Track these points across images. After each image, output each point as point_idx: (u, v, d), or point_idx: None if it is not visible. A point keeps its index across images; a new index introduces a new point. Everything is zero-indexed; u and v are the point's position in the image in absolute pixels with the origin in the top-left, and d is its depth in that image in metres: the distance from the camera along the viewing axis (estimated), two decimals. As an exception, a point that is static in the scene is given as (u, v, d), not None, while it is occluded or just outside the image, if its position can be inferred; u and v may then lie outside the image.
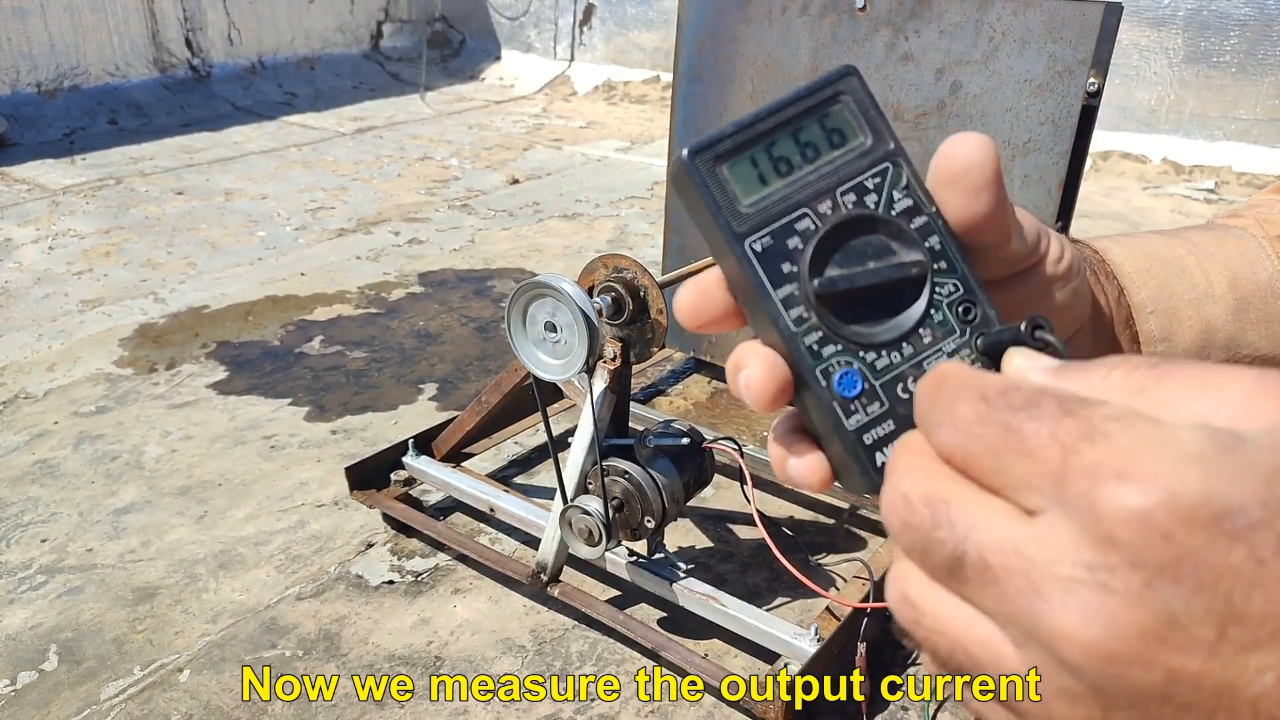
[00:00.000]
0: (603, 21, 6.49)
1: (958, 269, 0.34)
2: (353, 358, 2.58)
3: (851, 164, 0.34)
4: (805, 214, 0.33)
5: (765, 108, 0.34)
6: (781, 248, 0.33)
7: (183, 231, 3.58)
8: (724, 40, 1.91)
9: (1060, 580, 0.23)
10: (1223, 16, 4.37)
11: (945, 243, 0.34)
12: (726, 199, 0.33)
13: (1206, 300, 0.47)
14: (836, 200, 0.34)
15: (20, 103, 4.99)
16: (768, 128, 0.34)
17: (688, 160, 0.33)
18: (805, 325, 0.33)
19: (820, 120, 0.34)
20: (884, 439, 0.33)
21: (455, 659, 1.53)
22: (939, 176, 0.34)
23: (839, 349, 0.33)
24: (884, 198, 0.34)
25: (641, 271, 1.37)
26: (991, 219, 0.34)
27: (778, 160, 0.34)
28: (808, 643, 1.35)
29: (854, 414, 0.33)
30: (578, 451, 1.48)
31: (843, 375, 0.33)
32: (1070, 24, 1.55)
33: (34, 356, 2.56)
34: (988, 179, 0.33)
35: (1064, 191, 1.64)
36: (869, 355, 0.33)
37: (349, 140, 5.07)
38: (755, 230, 0.33)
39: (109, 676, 1.49)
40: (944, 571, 0.26)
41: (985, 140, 0.33)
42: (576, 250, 3.42)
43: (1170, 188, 4.37)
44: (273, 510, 1.91)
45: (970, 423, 0.26)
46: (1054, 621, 0.23)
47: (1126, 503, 0.22)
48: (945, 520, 0.25)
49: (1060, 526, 0.23)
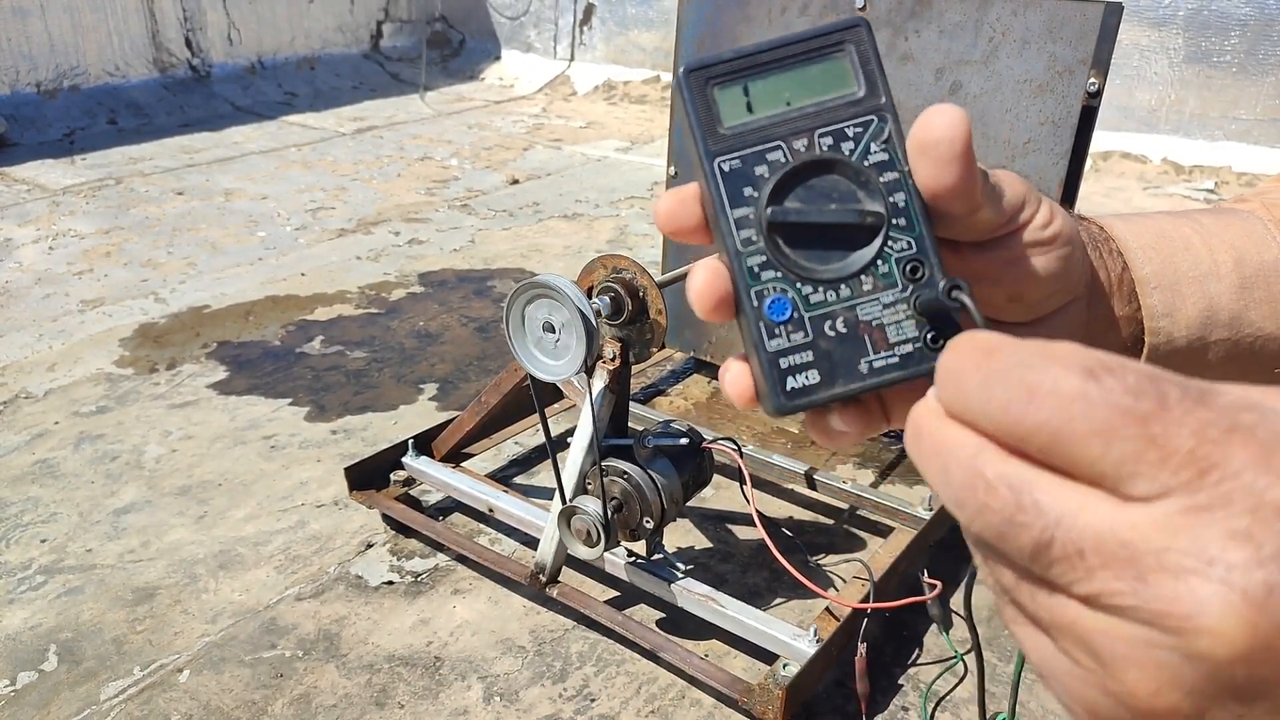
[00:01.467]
0: (603, 21, 6.49)
1: (916, 229, 0.35)
2: (353, 358, 2.58)
3: (837, 110, 0.35)
4: (779, 146, 0.35)
5: (770, 42, 0.35)
6: (748, 173, 0.35)
7: (183, 231, 3.58)
8: (724, 40, 1.91)
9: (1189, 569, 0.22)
10: (1223, 16, 4.37)
11: (910, 202, 0.35)
12: (709, 118, 0.35)
13: (1211, 278, 0.47)
14: (813, 140, 0.35)
15: (20, 103, 4.99)
16: (766, 60, 0.35)
17: (683, 77, 0.35)
18: (751, 247, 0.34)
19: (819, 63, 0.35)
20: (799, 367, 0.35)
21: (455, 659, 1.53)
22: (912, 144, 0.34)
23: (777, 275, 0.34)
24: (860, 147, 0.35)
25: (640, 272, 1.37)
26: (958, 190, 0.34)
27: (767, 92, 0.35)
28: (806, 643, 1.35)
29: (776, 337, 0.35)
30: (577, 452, 1.48)
31: (775, 300, 0.34)
32: (1070, 24, 1.55)
33: (34, 356, 2.56)
34: (956, 153, 0.33)
35: (1064, 191, 1.63)
36: (805, 288, 0.34)
37: (349, 140, 5.07)
38: (727, 151, 0.35)
39: (109, 677, 1.49)
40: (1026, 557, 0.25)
41: (959, 114, 0.33)
42: (576, 250, 3.42)
43: (1170, 188, 4.37)
44: (273, 510, 1.91)
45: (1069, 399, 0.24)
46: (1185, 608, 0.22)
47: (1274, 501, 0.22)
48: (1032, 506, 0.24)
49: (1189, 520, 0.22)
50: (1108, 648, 0.24)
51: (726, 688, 1.35)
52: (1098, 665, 0.25)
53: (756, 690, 1.32)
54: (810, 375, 0.34)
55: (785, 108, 0.35)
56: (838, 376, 0.34)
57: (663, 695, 1.46)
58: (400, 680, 1.49)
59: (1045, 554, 0.24)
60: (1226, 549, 0.22)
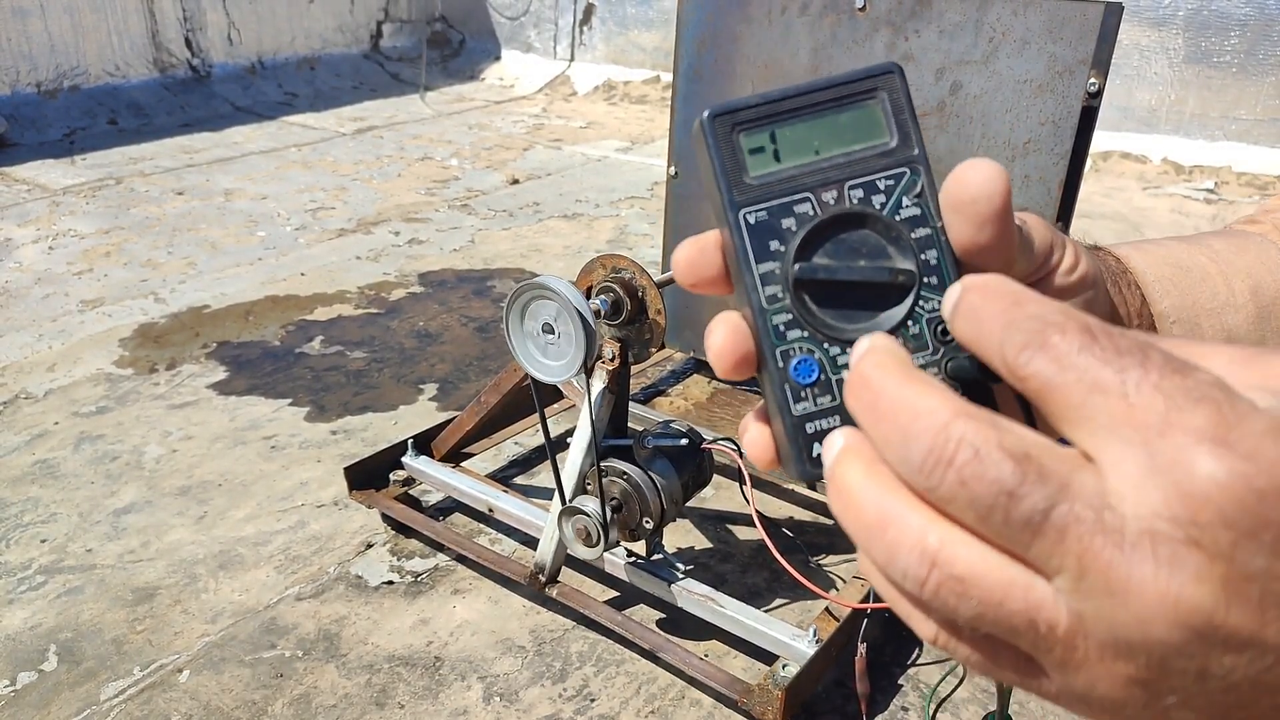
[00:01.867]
0: (603, 21, 6.49)
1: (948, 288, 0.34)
2: (353, 358, 2.58)
3: (869, 161, 0.34)
4: (807, 199, 0.33)
5: (799, 86, 0.34)
6: (775, 225, 0.33)
7: (183, 231, 3.58)
8: (724, 40, 1.91)
9: (1150, 535, 0.23)
10: (1223, 16, 4.37)
11: (942, 259, 0.33)
12: (734, 166, 0.33)
13: (1228, 309, 0.46)
14: (843, 193, 0.33)
15: (20, 103, 4.99)
16: (794, 106, 0.34)
17: (706, 122, 0.34)
18: (777, 305, 0.33)
19: (850, 111, 0.34)
20: (825, 432, 0.33)
21: (455, 659, 1.53)
22: (948, 200, 0.33)
23: (804, 335, 0.33)
24: (892, 201, 0.34)
25: (640, 272, 1.37)
26: (994, 249, 0.33)
27: (795, 141, 0.34)
28: (806, 644, 1.35)
29: (802, 401, 0.33)
30: (576, 452, 1.48)
31: (801, 361, 0.33)
32: (1070, 24, 1.55)
33: (34, 356, 2.56)
34: (995, 211, 0.32)
35: (1064, 192, 1.63)
36: (833, 349, 0.33)
37: (349, 140, 5.07)
38: (753, 203, 0.33)
39: (109, 677, 1.49)
40: (1017, 527, 0.25)
41: (998, 171, 0.32)
42: (576, 250, 3.42)
43: (1170, 188, 4.37)
44: (273, 510, 1.91)
45: (1068, 353, 0.25)
46: (1138, 574, 0.23)
47: (1225, 469, 0.23)
48: (1034, 474, 0.24)
49: (1145, 481, 0.23)
50: (1049, 623, 0.25)
51: (726, 688, 1.35)
52: (1064, 657, 0.25)
53: (756, 691, 1.32)
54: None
55: (814, 157, 0.34)
56: None
57: (662, 695, 1.46)
58: (400, 680, 1.49)
59: (1041, 527, 0.24)
60: (1172, 514, 0.23)
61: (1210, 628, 0.23)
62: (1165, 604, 0.23)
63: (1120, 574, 0.23)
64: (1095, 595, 0.24)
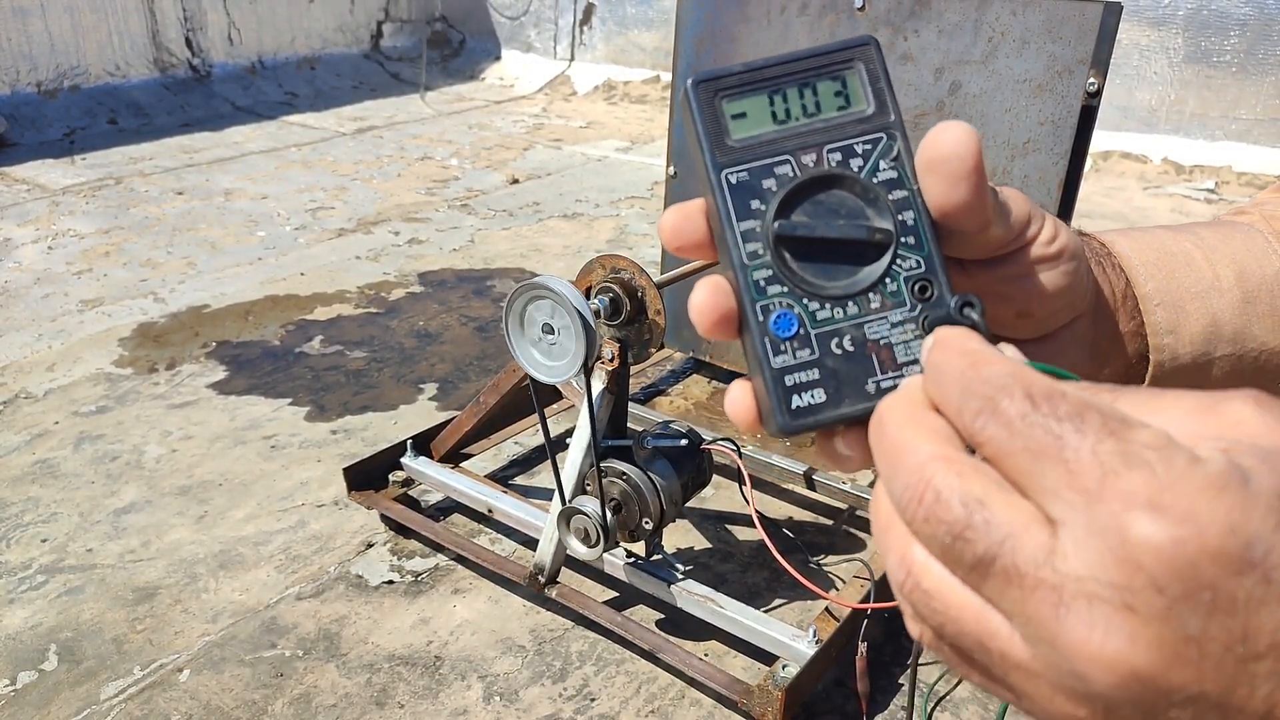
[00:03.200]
0: (603, 21, 6.49)
1: (925, 247, 0.34)
2: (353, 358, 2.58)
3: (847, 126, 0.35)
4: (787, 160, 0.34)
5: (779, 57, 0.35)
6: (755, 185, 0.34)
7: (183, 231, 3.58)
8: (722, 40, 1.91)
9: (1085, 596, 0.24)
10: (1223, 16, 4.37)
11: (919, 220, 0.34)
12: (717, 130, 0.34)
13: (1213, 293, 0.47)
14: (822, 155, 0.35)
15: (20, 103, 4.99)
16: (775, 75, 0.35)
17: (691, 88, 0.35)
18: (757, 261, 0.34)
19: (828, 80, 0.35)
20: (805, 385, 0.34)
21: (455, 659, 1.53)
22: (922, 161, 0.34)
23: (784, 290, 0.34)
24: (869, 164, 0.35)
25: (639, 272, 1.37)
26: (968, 208, 0.34)
27: (776, 107, 0.35)
28: (806, 644, 1.35)
29: (781, 354, 0.34)
30: (576, 453, 1.48)
31: (780, 315, 0.34)
32: (1069, 24, 1.55)
33: (34, 356, 2.57)
34: (967, 170, 0.33)
35: (1063, 191, 1.63)
36: (812, 304, 0.34)
37: (349, 140, 5.07)
38: (735, 164, 0.34)
39: (109, 676, 1.49)
40: (966, 567, 0.26)
41: (969, 131, 0.33)
42: (576, 250, 3.42)
43: (1170, 188, 4.37)
44: (273, 510, 1.91)
45: (1014, 419, 0.26)
46: (1075, 635, 0.24)
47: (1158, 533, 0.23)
48: (981, 522, 0.26)
49: (1085, 543, 0.24)
50: (1016, 658, 0.26)
51: (725, 689, 1.35)
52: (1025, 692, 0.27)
53: (756, 692, 1.33)
54: (816, 394, 0.34)
55: (794, 122, 0.35)
56: (844, 396, 0.34)
57: (663, 695, 1.47)
58: (400, 680, 1.49)
59: (988, 569, 0.26)
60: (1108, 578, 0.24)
61: (1150, 687, 0.24)
62: (1102, 664, 0.24)
63: (1059, 630, 0.24)
64: (1041, 643, 0.25)
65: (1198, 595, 0.23)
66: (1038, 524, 0.26)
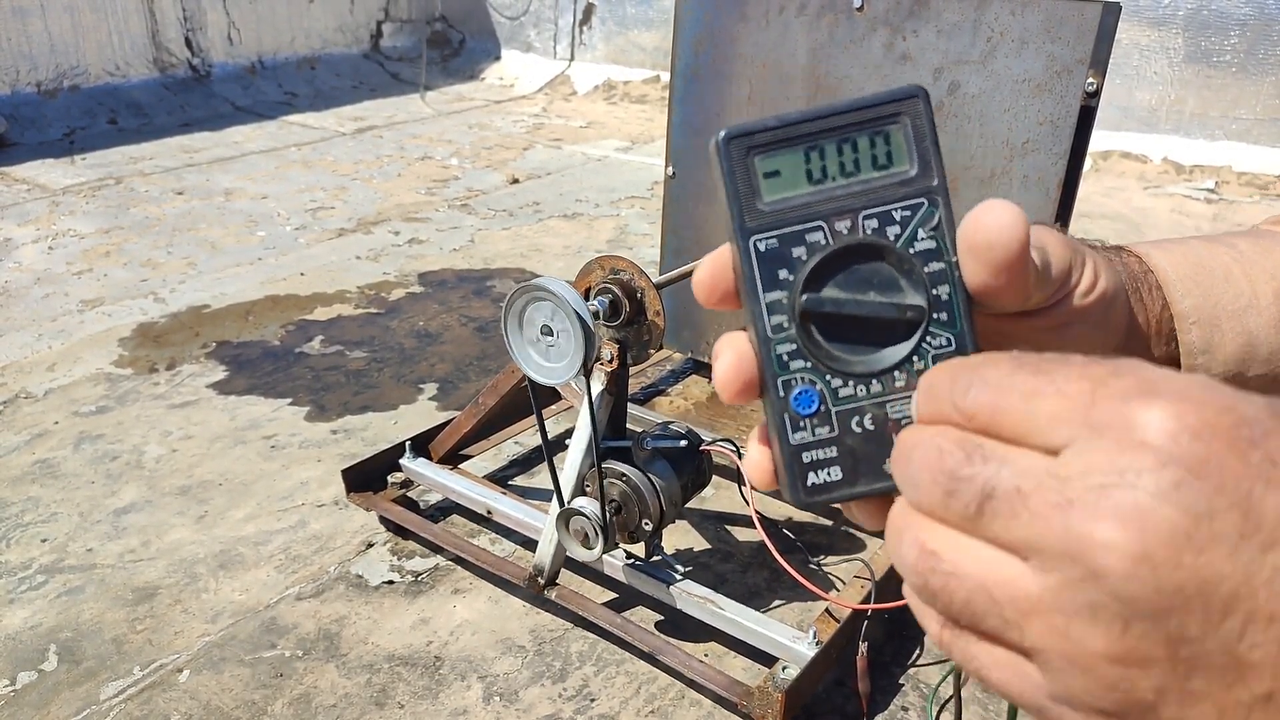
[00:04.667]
0: (603, 21, 6.49)
1: (958, 325, 0.33)
2: (353, 358, 2.58)
3: (886, 189, 0.33)
4: (819, 227, 0.33)
5: (819, 109, 0.33)
6: (785, 253, 0.33)
7: (183, 231, 3.58)
8: (721, 40, 1.91)
9: (1094, 488, 0.24)
10: (1223, 16, 4.36)
11: (954, 295, 0.33)
12: (748, 191, 0.33)
13: (1251, 311, 0.45)
14: (857, 222, 0.33)
15: (20, 103, 4.99)
16: (813, 130, 0.33)
17: (721, 144, 0.33)
18: (782, 334, 0.33)
19: (870, 136, 0.33)
20: (822, 463, 0.33)
21: (455, 659, 1.53)
22: (964, 242, 0.33)
23: (807, 365, 0.33)
24: (908, 233, 0.33)
25: (638, 273, 1.37)
26: (1008, 291, 0.33)
27: (812, 165, 0.33)
28: (806, 646, 1.35)
29: (800, 430, 0.33)
30: (575, 454, 1.48)
31: (802, 391, 0.33)
32: (1069, 24, 1.55)
33: (34, 356, 2.57)
34: (1010, 259, 0.32)
35: (1063, 191, 1.63)
36: (835, 380, 0.33)
37: (349, 140, 5.07)
38: (764, 230, 0.33)
39: (109, 676, 1.49)
40: (972, 510, 0.26)
41: (1016, 216, 0.32)
42: (576, 250, 3.42)
43: (1170, 187, 4.37)
44: (273, 510, 1.92)
45: (1003, 375, 0.27)
46: (1087, 527, 0.24)
47: (1158, 410, 0.24)
48: (979, 457, 0.27)
49: (1091, 446, 0.25)
50: (1030, 598, 0.25)
51: (725, 691, 1.35)
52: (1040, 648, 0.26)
53: (756, 693, 1.33)
54: (833, 472, 0.33)
55: (830, 183, 0.33)
56: (860, 475, 0.33)
57: (663, 695, 1.47)
58: (400, 680, 1.49)
59: (989, 504, 0.26)
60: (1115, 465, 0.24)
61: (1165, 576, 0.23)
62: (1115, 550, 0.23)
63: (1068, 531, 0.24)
64: (1051, 561, 0.25)
65: (1204, 468, 0.23)
66: (1036, 452, 0.26)
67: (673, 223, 2.16)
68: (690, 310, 2.17)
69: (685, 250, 2.12)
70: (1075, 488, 0.24)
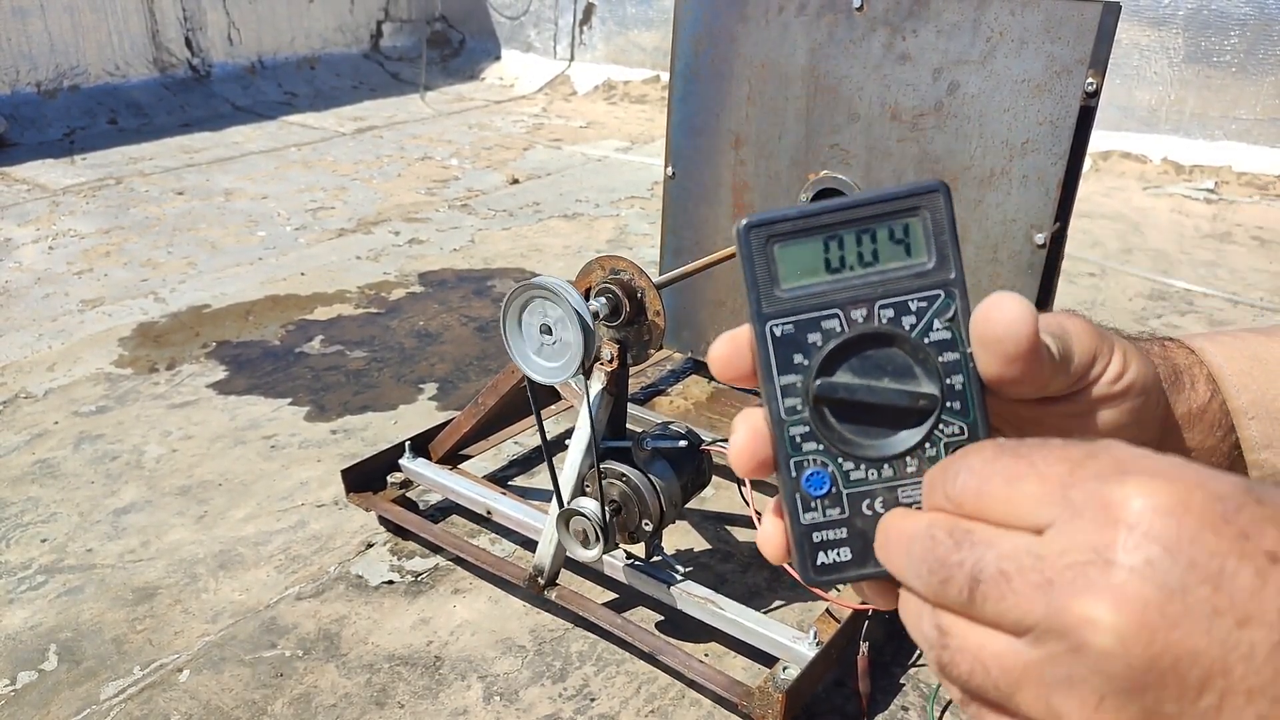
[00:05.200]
0: (603, 21, 6.49)
1: (970, 414, 0.34)
2: (353, 357, 2.58)
3: (903, 280, 0.34)
4: (835, 315, 0.34)
5: (840, 201, 0.34)
6: (800, 339, 0.34)
7: (183, 231, 3.58)
8: (720, 40, 1.91)
9: (1072, 566, 0.25)
10: (1223, 16, 4.36)
11: (968, 386, 0.34)
12: (767, 278, 0.34)
13: None
14: (873, 311, 0.34)
15: (20, 103, 4.99)
16: (834, 221, 0.34)
17: (743, 232, 0.34)
18: (795, 417, 0.33)
19: (890, 228, 0.34)
20: (831, 544, 0.34)
21: (455, 659, 1.53)
22: (975, 336, 0.33)
23: (819, 448, 0.34)
24: (923, 323, 0.34)
25: (639, 273, 1.37)
26: (1023, 381, 0.34)
27: (831, 254, 0.34)
28: (807, 646, 1.35)
29: (811, 511, 0.34)
30: (575, 454, 1.48)
31: (814, 474, 0.34)
32: (1068, 24, 1.55)
33: (34, 356, 2.57)
34: (1021, 351, 0.33)
35: (1062, 192, 1.63)
36: (847, 464, 0.34)
37: (349, 140, 5.07)
38: (781, 315, 0.34)
39: (109, 676, 1.49)
40: (965, 594, 0.28)
41: (1024, 308, 0.32)
42: (576, 250, 3.42)
43: (1170, 188, 4.37)
44: (273, 510, 1.92)
45: (986, 460, 0.29)
46: (1066, 604, 0.25)
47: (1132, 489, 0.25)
48: (967, 543, 0.28)
49: (1071, 526, 0.26)
50: (1019, 669, 0.27)
51: (726, 691, 1.35)
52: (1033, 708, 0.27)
53: (756, 694, 1.33)
54: (842, 553, 0.34)
55: (848, 272, 0.34)
56: (869, 557, 0.34)
57: (663, 695, 1.47)
58: (400, 680, 1.49)
59: (978, 588, 0.27)
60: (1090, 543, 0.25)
61: (1142, 648, 0.24)
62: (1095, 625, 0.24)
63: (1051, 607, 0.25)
64: (1037, 635, 0.26)
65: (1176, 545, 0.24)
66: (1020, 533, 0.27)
67: (672, 223, 2.16)
68: (690, 310, 2.17)
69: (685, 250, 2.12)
70: (1054, 566, 0.25)
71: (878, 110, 1.74)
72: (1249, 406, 0.44)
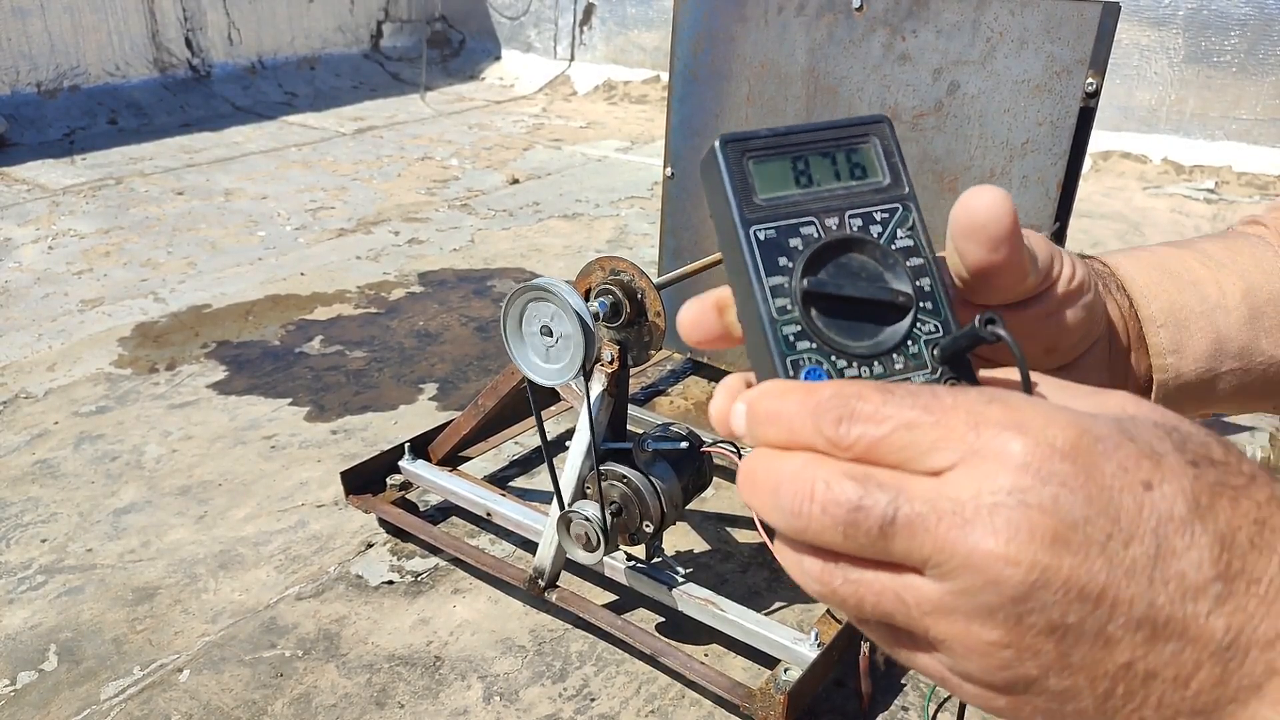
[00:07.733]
0: (603, 21, 6.49)
1: (942, 313, 0.36)
2: (353, 358, 2.58)
3: (865, 195, 0.37)
4: (812, 222, 0.36)
5: (800, 126, 0.37)
6: (782, 243, 0.36)
7: (183, 231, 3.58)
8: (720, 40, 1.91)
9: (987, 507, 0.27)
10: (1223, 16, 4.36)
11: (936, 287, 0.36)
12: (745, 188, 0.36)
13: (1218, 311, 0.47)
14: (844, 220, 0.36)
15: (20, 103, 4.99)
16: (799, 142, 0.37)
17: (719, 147, 0.36)
18: (786, 316, 0.35)
19: (847, 151, 0.37)
20: None
21: (455, 659, 1.53)
22: (958, 229, 0.36)
23: (813, 346, 0.35)
24: (888, 231, 0.36)
25: (639, 274, 1.37)
26: (1008, 267, 0.36)
27: (800, 172, 0.37)
28: (808, 648, 1.35)
29: None
30: (575, 456, 1.48)
31: (810, 371, 0.35)
32: (1068, 24, 1.55)
33: (34, 356, 2.57)
34: (1004, 232, 0.35)
35: (1062, 192, 1.64)
36: (839, 361, 0.35)
37: (349, 140, 5.07)
38: (762, 221, 0.36)
39: (109, 676, 1.49)
40: (872, 537, 0.29)
41: (1002, 195, 0.35)
42: (576, 250, 3.42)
43: (1170, 188, 4.37)
44: (273, 510, 1.92)
45: (877, 409, 0.30)
46: (984, 542, 0.27)
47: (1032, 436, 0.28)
48: (874, 488, 0.29)
49: (976, 469, 0.28)
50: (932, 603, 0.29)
51: (727, 692, 1.35)
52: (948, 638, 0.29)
53: (758, 696, 1.33)
54: None
55: (816, 187, 0.36)
56: None
57: (663, 695, 1.47)
58: (400, 680, 1.49)
59: (891, 529, 0.28)
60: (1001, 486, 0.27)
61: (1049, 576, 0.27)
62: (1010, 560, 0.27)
63: (968, 545, 0.27)
64: (952, 571, 0.28)
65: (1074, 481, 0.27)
66: (924, 476, 0.29)
67: (672, 223, 2.16)
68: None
69: (685, 251, 2.12)
70: (970, 508, 0.27)
71: (877, 110, 1.74)
72: (1157, 315, 0.47)
